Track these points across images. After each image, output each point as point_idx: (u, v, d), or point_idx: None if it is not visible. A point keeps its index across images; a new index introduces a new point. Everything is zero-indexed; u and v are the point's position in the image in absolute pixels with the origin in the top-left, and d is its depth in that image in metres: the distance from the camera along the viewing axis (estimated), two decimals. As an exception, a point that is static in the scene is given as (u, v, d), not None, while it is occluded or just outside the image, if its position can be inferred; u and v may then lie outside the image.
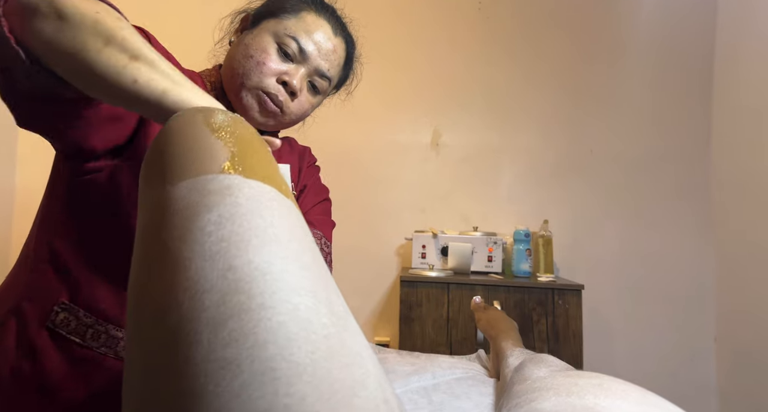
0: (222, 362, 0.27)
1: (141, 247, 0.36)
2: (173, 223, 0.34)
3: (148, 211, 0.38)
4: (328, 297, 0.34)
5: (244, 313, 0.29)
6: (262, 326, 0.29)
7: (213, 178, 0.36)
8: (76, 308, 0.66)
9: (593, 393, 0.43)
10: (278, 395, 0.26)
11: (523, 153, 2.16)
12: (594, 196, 2.12)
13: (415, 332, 1.74)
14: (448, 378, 1.10)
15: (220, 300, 0.30)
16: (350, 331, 0.33)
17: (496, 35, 2.21)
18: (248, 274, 0.31)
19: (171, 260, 0.33)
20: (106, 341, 0.67)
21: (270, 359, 0.27)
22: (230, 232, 0.33)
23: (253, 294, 0.30)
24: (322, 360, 0.29)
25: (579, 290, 1.73)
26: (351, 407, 0.27)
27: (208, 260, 0.32)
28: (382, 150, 2.19)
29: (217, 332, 0.28)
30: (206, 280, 0.31)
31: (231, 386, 0.27)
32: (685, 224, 2.07)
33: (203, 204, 0.35)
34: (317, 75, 0.80)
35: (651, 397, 0.44)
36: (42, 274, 0.67)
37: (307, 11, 0.79)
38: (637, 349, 2.03)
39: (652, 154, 2.11)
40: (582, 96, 2.16)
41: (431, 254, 1.93)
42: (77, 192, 0.67)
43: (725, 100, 2.04)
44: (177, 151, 0.39)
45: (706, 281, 2.03)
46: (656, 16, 2.16)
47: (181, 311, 0.30)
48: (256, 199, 0.36)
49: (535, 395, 0.47)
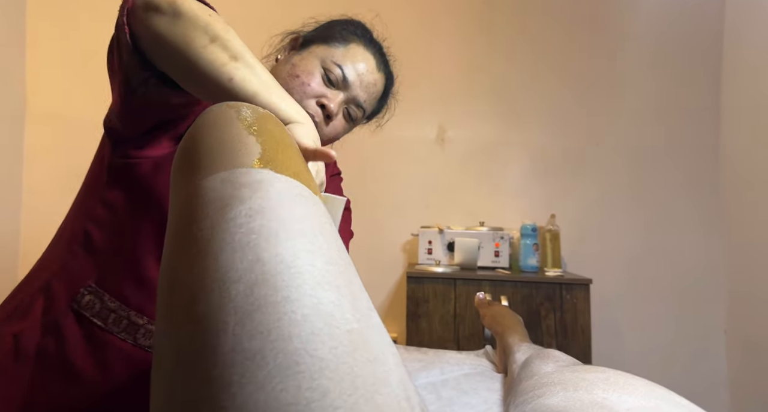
0: (248, 354, 0.28)
1: (173, 235, 0.37)
2: (206, 213, 0.35)
3: (182, 200, 0.39)
4: (352, 293, 0.34)
5: (270, 305, 0.30)
6: (286, 319, 0.29)
7: (246, 171, 0.37)
8: (101, 291, 0.67)
9: (601, 388, 0.43)
10: (301, 389, 0.27)
11: (529, 147, 2.15)
12: (601, 190, 2.10)
13: (422, 328, 1.73)
14: (457, 374, 1.10)
15: (247, 291, 0.30)
16: (374, 327, 0.33)
17: (502, 29, 2.19)
18: (275, 267, 0.32)
19: (202, 249, 0.33)
20: (127, 326, 0.68)
21: (294, 353, 0.28)
22: (260, 225, 0.34)
23: (278, 287, 0.31)
24: (345, 356, 0.29)
25: (587, 284, 1.72)
26: (372, 404, 0.28)
27: (238, 251, 0.32)
28: (387, 146, 2.18)
29: (244, 324, 0.29)
30: (235, 271, 0.31)
31: (256, 377, 0.27)
32: (694, 216, 2.05)
33: (235, 196, 0.35)
34: (354, 104, 0.84)
35: (659, 390, 0.43)
36: (74, 255, 0.69)
37: (357, 43, 0.84)
38: (646, 343, 2.01)
39: (661, 145, 2.09)
40: (588, 88, 2.14)
41: (437, 249, 1.93)
42: (119, 179, 0.69)
43: (734, 89, 2.01)
44: (211, 145, 0.40)
45: (715, 274, 2.01)
46: (662, 5, 2.13)
47: (209, 300, 0.31)
48: (286, 194, 0.37)
49: (542, 390, 0.47)
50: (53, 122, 2.15)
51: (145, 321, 0.69)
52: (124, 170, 0.69)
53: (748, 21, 1.93)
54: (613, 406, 0.41)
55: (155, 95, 0.62)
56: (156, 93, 0.61)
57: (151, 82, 0.60)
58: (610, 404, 0.41)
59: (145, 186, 0.68)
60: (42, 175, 2.15)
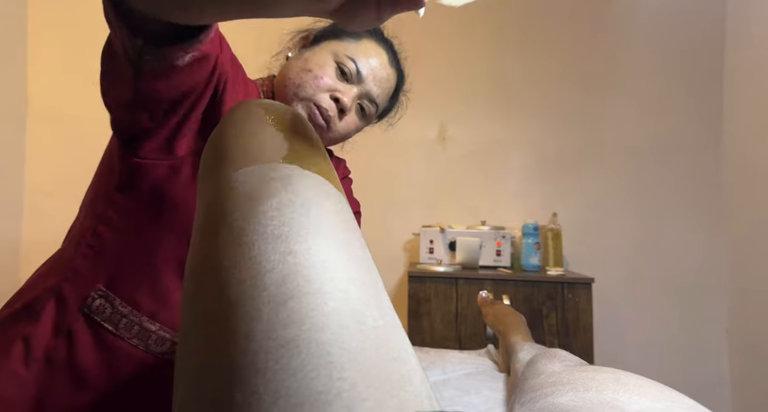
0: (281, 341, 0.29)
1: (204, 224, 0.38)
2: (237, 204, 0.36)
3: (212, 192, 0.39)
4: (377, 291, 0.35)
5: (303, 296, 0.30)
6: (319, 310, 0.30)
7: (275, 166, 0.38)
8: (112, 295, 0.66)
9: (611, 388, 0.43)
10: (332, 378, 0.27)
11: (531, 146, 2.14)
12: (603, 188, 2.10)
13: (423, 327, 1.73)
14: (459, 373, 1.10)
15: (281, 281, 0.31)
16: (396, 327, 0.34)
17: (503, 28, 2.19)
18: (308, 259, 0.32)
19: (235, 239, 0.34)
20: (139, 332, 0.66)
21: (327, 343, 0.29)
22: (290, 219, 0.35)
23: (311, 279, 0.31)
24: (372, 350, 0.30)
25: (589, 283, 1.72)
26: (398, 399, 0.28)
27: (270, 243, 0.33)
28: (388, 145, 2.17)
29: (278, 312, 0.30)
30: (268, 261, 0.32)
31: (290, 365, 0.28)
32: (696, 215, 2.05)
33: (266, 189, 0.36)
34: (367, 99, 0.83)
35: (668, 392, 0.43)
36: (84, 258, 0.67)
37: (368, 38, 0.83)
38: (649, 341, 2.01)
39: (662, 143, 2.08)
40: (590, 87, 2.14)
41: (439, 248, 1.92)
42: (131, 182, 0.67)
43: (735, 88, 2.01)
44: (241, 139, 0.41)
45: (717, 272, 2.01)
46: (664, 4, 2.13)
47: (242, 288, 0.31)
48: (314, 190, 0.38)
49: (550, 389, 0.47)
50: (55, 121, 2.14)
51: (158, 327, 0.67)
52: (137, 173, 0.66)
53: (750, 20, 1.93)
54: (624, 407, 0.41)
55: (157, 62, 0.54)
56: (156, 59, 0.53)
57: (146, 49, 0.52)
58: (621, 405, 0.41)
59: (160, 191, 0.66)
60: (44, 173, 2.15)
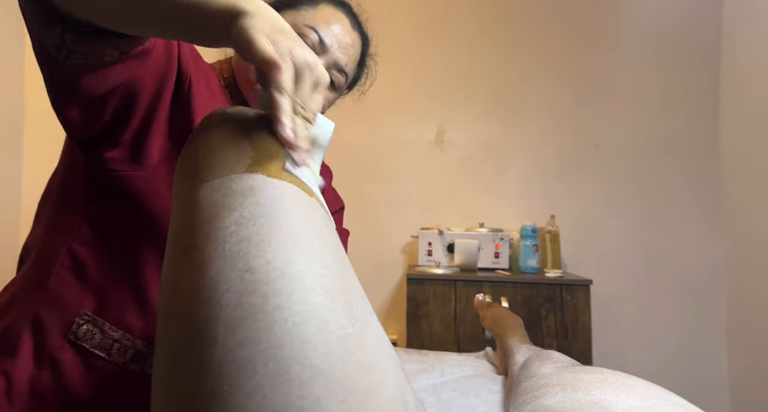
0: (239, 362, 0.28)
1: (173, 243, 0.37)
2: (200, 221, 0.35)
3: (180, 208, 0.39)
4: (347, 298, 0.33)
5: (260, 314, 0.29)
6: (277, 327, 0.29)
7: (237, 178, 0.37)
8: (101, 320, 0.61)
9: (599, 388, 0.43)
10: (291, 396, 0.27)
11: (529, 148, 2.15)
12: (601, 190, 2.10)
13: (422, 329, 1.73)
14: (457, 376, 1.10)
15: (236, 301, 0.30)
16: (371, 332, 0.33)
17: (499, 30, 2.19)
18: (266, 275, 0.31)
19: (197, 259, 0.33)
20: (134, 356, 0.62)
21: (284, 361, 0.28)
22: (251, 232, 0.33)
23: (268, 296, 0.30)
24: (338, 362, 0.29)
25: (587, 285, 1.72)
26: (367, 408, 0.28)
27: (228, 261, 0.32)
28: (386, 147, 2.18)
29: (235, 333, 0.29)
30: (225, 280, 0.31)
31: (245, 386, 0.27)
32: (694, 216, 2.05)
33: (227, 204, 0.35)
34: (335, 69, 0.77)
35: (656, 390, 0.44)
36: (62, 281, 0.61)
37: (326, 4, 0.77)
38: (647, 343, 2.01)
39: (659, 145, 2.09)
40: (587, 88, 2.14)
41: (437, 251, 1.93)
42: (103, 195, 0.63)
43: (733, 88, 2.01)
44: (206, 151, 0.40)
45: (715, 274, 2.01)
46: (661, 5, 2.13)
47: (203, 310, 0.31)
48: (280, 199, 0.36)
49: (541, 391, 0.47)
50: (53, 123, 2.14)
51: (152, 350, 0.63)
52: (107, 185, 0.61)
53: (746, 19, 1.94)
54: (611, 406, 0.41)
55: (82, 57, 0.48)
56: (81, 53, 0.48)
57: (68, 38, 0.47)
58: (608, 404, 0.41)
59: (135, 203, 0.61)
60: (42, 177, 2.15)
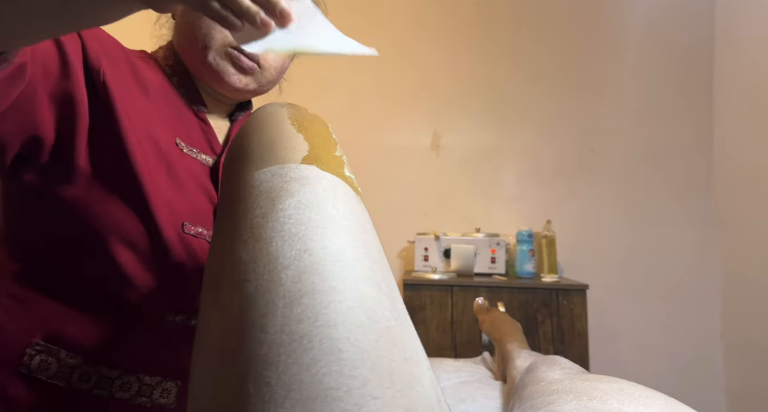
0: (295, 336, 0.29)
1: (226, 219, 0.39)
2: (258, 202, 0.37)
3: (235, 189, 0.41)
4: (390, 292, 0.35)
5: (317, 293, 0.31)
6: (332, 307, 0.30)
7: (295, 167, 0.40)
8: (55, 348, 0.56)
9: (616, 398, 0.43)
10: (343, 375, 0.28)
11: (524, 153, 2.15)
12: (596, 195, 2.10)
13: (419, 335, 1.72)
14: (454, 382, 1.09)
15: (296, 277, 0.32)
16: (408, 328, 0.35)
17: (494, 34, 2.20)
18: (323, 258, 0.33)
19: (254, 235, 0.35)
20: (98, 382, 0.57)
21: (339, 340, 0.29)
22: (308, 218, 0.35)
23: (326, 277, 0.32)
24: (384, 350, 0.30)
25: (583, 289, 1.72)
26: (408, 399, 0.28)
27: (287, 240, 0.34)
28: (381, 152, 2.17)
29: (292, 307, 0.30)
30: (284, 257, 0.33)
31: (301, 359, 0.28)
32: (689, 221, 2.06)
33: (285, 189, 0.38)
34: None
35: (674, 403, 0.43)
36: (7, 311, 0.56)
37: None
38: (644, 348, 2.01)
39: (654, 150, 2.10)
40: (582, 94, 2.15)
41: (434, 256, 1.92)
42: (35, 213, 0.58)
43: (726, 91, 2.03)
44: (263, 140, 0.42)
45: (711, 278, 2.02)
46: (654, 10, 2.15)
47: (260, 282, 0.32)
48: (332, 191, 0.39)
49: (553, 397, 0.46)
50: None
51: (119, 373, 0.58)
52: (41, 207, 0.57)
53: (738, 25, 1.96)
54: (629, 418, 0.40)
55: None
56: None
57: None
58: (625, 416, 0.40)
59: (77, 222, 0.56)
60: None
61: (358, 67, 2.20)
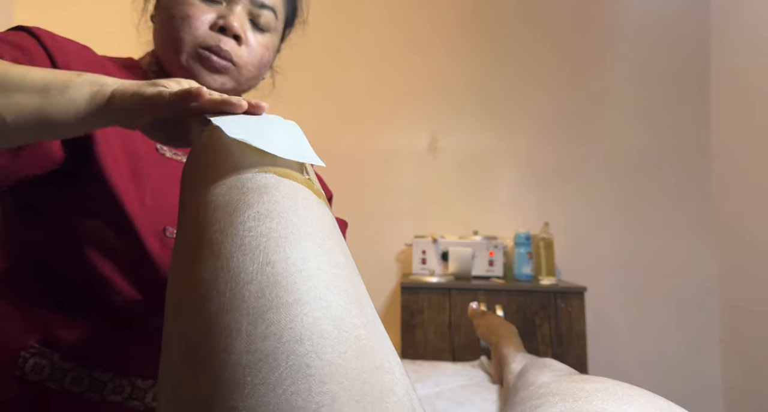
0: (260, 354, 0.28)
1: (185, 238, 0.38)
2: (215, 217, 0.36)
3: (192, 208, 0.39)
4: (359, 298, 0.34)
5: (282, 307, 0.30)
6: (298, 321, 0.29)
7: (251, 177, 0.38)
8: (49, 351, 0.57)
9: (600, 398, 0.42)
10: (312, 392, 0.27)
11: (522, 156, 2.15)
12: (594, 198, 2.10)
13: (417, 339, 1.72)
14: (452, 386, 1.09)
15: (259, 292, 0.30)
16: (379, 335, 0.33)
17: (492, 38, 2.21)
18: (285, 269, 0.32)
19: (213, 252, 0.34)
20: (91, 385, 0.58)
21: (305, 355, 0.28)
22: (269, 228, 0.34)
23: (290, 289, 0.31)
24: (353, 360, 0.29)
25: (581, 292, 1.72)
26: (381, 410, 0.28)
27: (248, 254, 0.33)
28: (379, 156, 2.18)
29: (257, 324, 0.29)
30: (246, 272, 0.32)
31: (268, 379, 0.27)
32: (686, 223, 2.06)
33: (243, 201, 0.36)
34: (256, 6, 0.68)
35: (657, 400, 0.43)
36: (1, 314, 0.57)
37: None
38: (642, 351, 2.01)
39: (651, 153, 2.10)
40: (578, 97, 2.16)
41: (432, 259, 1.92)
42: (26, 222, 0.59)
43: (723, 95, 2.03)
44: (216, 154, 0.41)
45: (709, 281, 2.02)
46: (649, 12, 2.16)
47: (221, 301, 0.31)
48: (292, 198, 0.37)
49: (540, 401, 0.46)
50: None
51: (111, 376, 0.59)
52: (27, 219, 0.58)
53: (734, 28, 1.96)
54: (613, 417, 0.40)
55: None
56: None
57: None
58: (610, 415, 0.40)
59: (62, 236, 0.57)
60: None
61: (356, 70, 2.21)
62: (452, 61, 2.20)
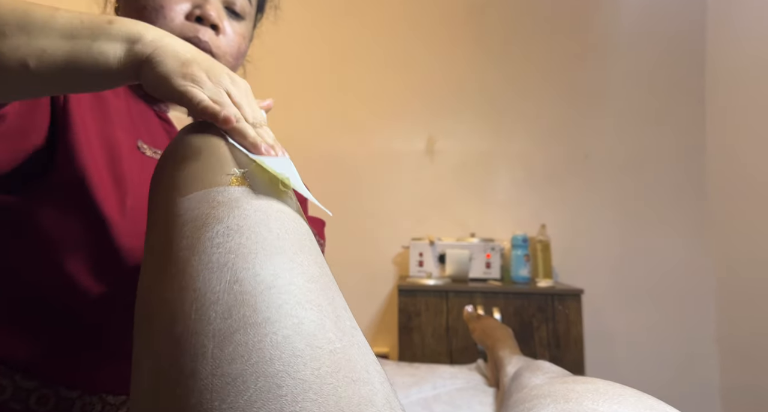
0: (228, 378, 0.27)
1: (152, 254, 0.36)
2: (183, 233, 0.34)
3: (161, 219, 0.38)
4: (334, 311, 0.33)
5: (250, 327, 0.29)
6: (267, 340, 0.28)
7: (222, 190, 0.36)
8: (9, 371, 0.53)
9: (591, 398, 0.43)
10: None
11: (519, 158, 2.16)
12: (591, 200, 2.11)
13: (414, 342, 1.72)
14: (449, 389, 1.09)
15: (226, 313, 0.29)
16: (357, 346, 0.32)
17: (488, 40, 2.21)
18: (254, 287, 0.31)
19: (180, 270, 0.33)
20: (57, 404, 0.54)
21: (275, 376, 0.27)
22: (238, 244, 0.33)
23: (258, 308, 0.30)
24: (328, 376, 0.28)
25: (578, 294, 1.72)
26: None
27: (216, 272, 0.31)
28: (376, 158, 2.18)
29: (223, 347, 0.28)
30: (213, 292, 0.30)
31: (237, 403, 0.26)
32: (683, 225, 2.06)
33: (212, 215, 0.35)
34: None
35: (647, 399, 0.43)
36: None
37: None
38: (639, 352, 2.01)
39: (648, 155, 2.11)
40: (575, 99, 2.16)
41: (429, 261, 1.92)
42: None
43: (718, 98, 2.04)
44: (188, 162, 0.39)
45: (705, 282, 2.02)
46: (645, 15, 2.17)
47: (187, 323, 0.30)
48: (264, 212, 0.36)
49: (532, 403, 0.46)
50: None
51: (79, 394, 0.55)
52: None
53: (730, 31, 1.97)
54: (603, 417, 0.40)
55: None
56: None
57: None
58: (600, 415, 0.41)
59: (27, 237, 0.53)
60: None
61: (355, 72, 2.22)
62: (450, 63, 2.21)
